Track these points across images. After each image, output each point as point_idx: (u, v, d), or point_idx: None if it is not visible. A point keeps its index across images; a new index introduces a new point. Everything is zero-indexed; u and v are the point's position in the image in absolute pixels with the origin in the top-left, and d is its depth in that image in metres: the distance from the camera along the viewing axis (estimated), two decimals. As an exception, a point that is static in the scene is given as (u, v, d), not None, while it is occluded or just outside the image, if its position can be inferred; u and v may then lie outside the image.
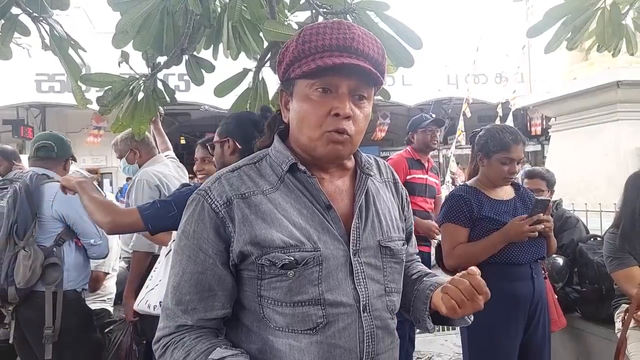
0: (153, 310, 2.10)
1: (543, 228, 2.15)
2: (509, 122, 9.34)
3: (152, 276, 2.27)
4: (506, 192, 2.32)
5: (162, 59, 2.24)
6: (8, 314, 2.40)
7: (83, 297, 2.59)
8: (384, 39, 1.84)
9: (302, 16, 2.29)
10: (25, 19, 1.95)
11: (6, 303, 2.35)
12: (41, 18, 1.91)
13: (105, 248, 2.62)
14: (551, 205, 2.26)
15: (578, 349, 3.09)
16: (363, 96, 1.01)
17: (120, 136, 3.02)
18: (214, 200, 0.98)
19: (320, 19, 1.98)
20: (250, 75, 2.27)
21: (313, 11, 2.05)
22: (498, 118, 9.86)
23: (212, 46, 2.39)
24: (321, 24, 1.01)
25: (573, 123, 4.69)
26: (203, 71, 2.34)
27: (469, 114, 10.09)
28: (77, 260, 2.52)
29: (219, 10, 2.20)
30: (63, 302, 2.40)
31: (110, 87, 2.18)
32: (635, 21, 2.27)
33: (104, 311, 3.03)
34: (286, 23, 2.16)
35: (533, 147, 13.79)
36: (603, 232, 2.93)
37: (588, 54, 4.73)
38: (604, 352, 2.78)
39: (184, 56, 2.23)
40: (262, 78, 2.32)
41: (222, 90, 2.22)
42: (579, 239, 3.16)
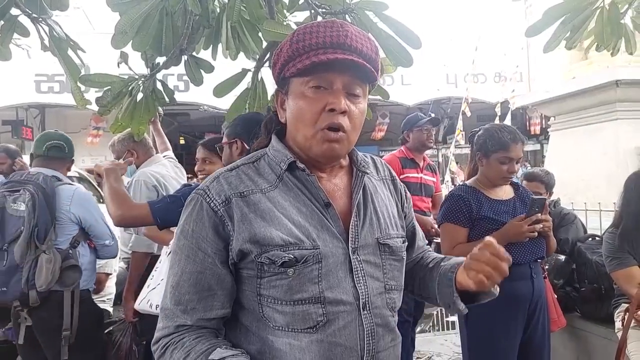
0: (155, 309, 2.11)
1: (542, 228, 2.15)
2: (508, 122, 9.35)
3: (154, 275, 2.27)
4: (505, 192, 2.32)
5: (161, 60, 2.24)
6: (21, 316, 2.37)
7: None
8: (383, 39, 1.84)
9: (301, 16, 2.29)
10: (24, 20, 1.95)
11: (26, 307, 2.33)
12: (40, 19, 1.90)
13: (116, 248, 2.68)
14: (547, 204, 2.26)
15: (578, 349, 3.10)
16: (357, 92, 1.01)
17: (117, 137, 3.02)
18: (213, 199, 0.99)
19: (319, 19, 1.98)
20: (249, 75, 2.27)
21: (312, 11, 2.04)
22: (497, 117, 9.85)
23: (211, 46, 2.39)
24: (314, 24, 1.02)
25: (572, 122, 4.69)
26: (202, 71, 2.34)
27: (468, 114, 10.09)
28: (90, 261, 2.57)
29: (218, 10, 2.20)
30: (79, 303, 2.42)
31: (109, 88, 2.18)
32: (634, 20, 2.27)
33: (104, 311, 3.04)
34: (285, 23, 2.16)
35: (532, 147, 13.80)
36: (602, 232, 2.93)
37: (587, 53, 4.74)
38: (604, 352, 2.78)
39: (183, 56, 2.23)
40: (261, 78, 2.32)
41: (221, 90, 2.22)
42: (577, 238, 3.16)
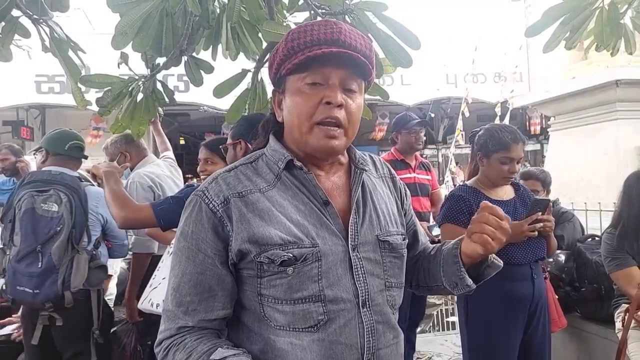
0: (156, 308, 2.11)
1: (542, 227, 2.15)
2: (507, 122, 9.34)
3: (156, 275, 2.28)
4: (506, 192, 2.32)
5: (162, 60, 2.24)
6: (43, 318, 2.32)
7: None
8: (382, 40, 1.84)
9: (301, 17, 2.29)
10: (25, 21, 1.95)
11: (60, 308, 2.30)
12: (41, 20, 1.90)
13: (127, 248, 2.73)
14: (551, 205, 2.26)
15: (578, 349, 3.10)
16: (353, 88, 1.02)
17: (110, 140, 3.03)
18: (212, 200, 0.99)
19: (318, 20, 1.98)
20: (249, 76, 2.27)
21: (311, 12, 2.04)
22: (497, 117, 9.85)
23: (211, 47, 2.39)
24: (308, 23, 1.03)
25: (572, 122, 4.69)
26: (202, 72, 2.34)
27: (468, 114, 10.08)
28: (106, 261, 2.59)
29: (218, 11, 2.20)
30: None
31: (109, 88, 2.18)
32: (633, 20, 2.27)
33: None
34: (285, 24, 2.16)
35: (532, 147, 13.77)
36: (602, 232, 2.93)
37: (587, 53, 4.73)
38: (604, 352, 2.78)
39: (183, 57, 2.23)
40: (261, 78, 2.32)
41: (221, 91, 2.21)
42: (576, 238, 3.17)
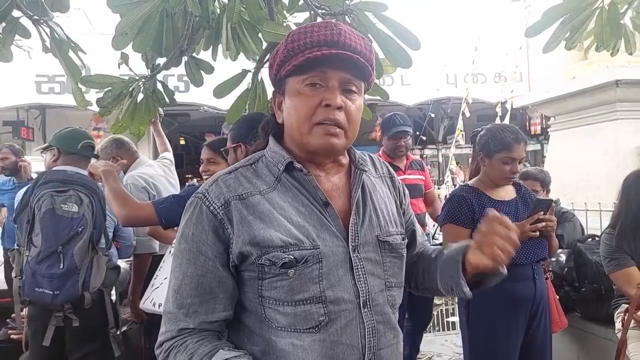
0: (158, 308, 2.12)
1: (544, 226, 2.15)
2: (507, 122, 9.33)
3: (158, 275, 2.29)
4: (507, 192, 2.32)
5: (162, 61, 2.24)
6: (57, 319, 2.27)
7: None
8: (382, 40, 1.84)
9: (301, 17, 2.29)
10: (26, 22, 1.95)
11: (79, 309, 2.28)
12: (42, 21, 1.90)
13: (133, 249, 2.78)
14: (553, 205, 2.25)
15: (578, 349, 3.10)
16: (353, 89, 1.02)
17: (100, 145, 3.04)
18: (212, 202, 0.99)
19: (318, 20, 1.98)
20: (249, 76, 2.27)
21: (311, 12, 2.04)
22: (497, 117, 9.85)
23: (212, 47, 2.39)
24: (308, 25, 1.03)
25: (572, 122, 4.69)
26: (202, 72, 2.34)
27: (468, 114, 10.08)
28: (117, 261, 2.60)
29: (218, 11, 2.20)
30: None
31: (110, 89, 2.18)
32: (633, 20, 2.27)
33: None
34: (285, 24, 2.16)
35: (532, 147, 13.76)
36: (602, 232, 2.93)
37: (587, 53, 4.73)
38: (604, 352, 2.78)
39: (183, 57, 2.23)
40: (261, 79, 2.32)
41: (222, 91, 2.22)
42: (576, 238, 3.17)
